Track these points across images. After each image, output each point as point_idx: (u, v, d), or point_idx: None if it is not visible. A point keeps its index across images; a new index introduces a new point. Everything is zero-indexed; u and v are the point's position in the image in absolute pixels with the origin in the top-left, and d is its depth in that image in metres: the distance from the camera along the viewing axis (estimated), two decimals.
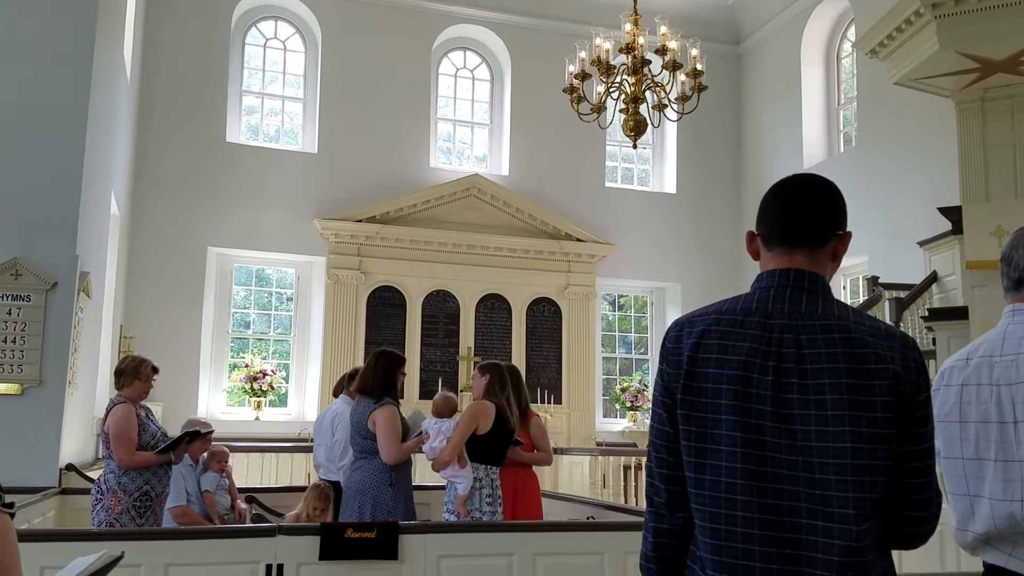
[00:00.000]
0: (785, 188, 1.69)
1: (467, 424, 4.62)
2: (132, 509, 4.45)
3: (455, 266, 11.44)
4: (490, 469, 4.69)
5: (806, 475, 1.48)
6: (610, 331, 13.02)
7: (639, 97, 7.05)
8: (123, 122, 8.92)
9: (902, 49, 7.61)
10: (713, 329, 1.60)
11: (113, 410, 4.56)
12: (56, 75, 6.22)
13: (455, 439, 4.61)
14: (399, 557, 3.82)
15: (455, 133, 12.62)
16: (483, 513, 4.58)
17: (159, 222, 10.51)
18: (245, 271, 11.47)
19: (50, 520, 5.55)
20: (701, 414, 1.56)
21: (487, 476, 4.67)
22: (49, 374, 5.95)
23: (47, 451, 5.93)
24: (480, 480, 4.64)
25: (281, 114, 11.92)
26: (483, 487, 4.63)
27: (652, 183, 13.23)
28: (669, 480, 1.62)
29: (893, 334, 1.55)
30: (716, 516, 1.52)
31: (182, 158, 10.72)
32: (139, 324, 10.07)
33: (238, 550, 3.73)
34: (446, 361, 11.37)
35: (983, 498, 1.84)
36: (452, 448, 4.59)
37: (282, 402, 11.17)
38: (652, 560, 1.65)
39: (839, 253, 1.67)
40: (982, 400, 1.87)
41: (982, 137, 7.70)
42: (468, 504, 4.59)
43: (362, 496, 4.52)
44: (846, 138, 11.73)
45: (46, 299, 6.00)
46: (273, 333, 11.49)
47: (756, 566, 1.48)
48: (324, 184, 11.19)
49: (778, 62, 12.35)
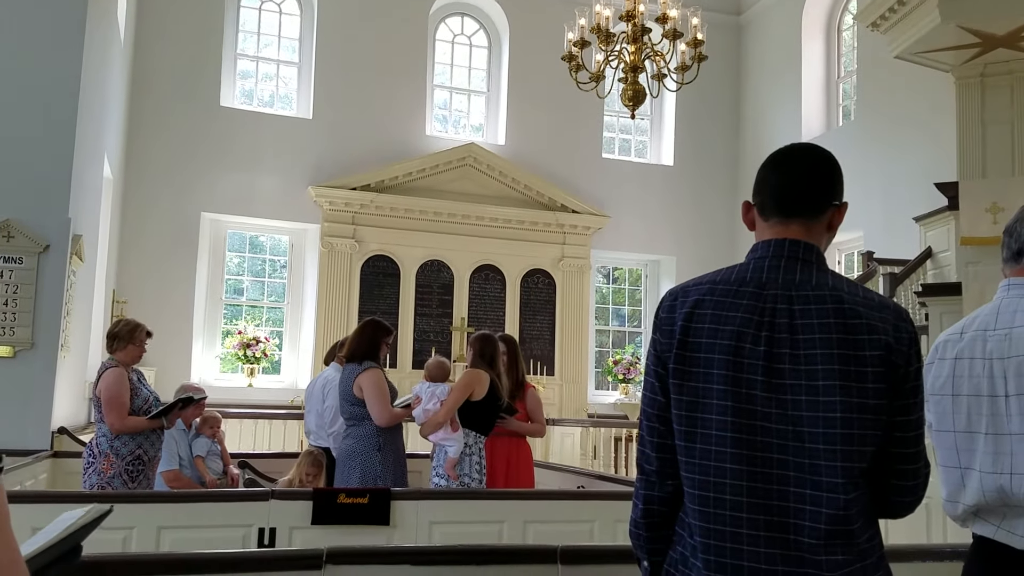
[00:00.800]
0: (782, 157, 1.68)
1: (463, 389, 4.65)
2: (124, 473, 4.45)
3: (450, 236, 11.41)
4: (479, 437, 4.74)
5: (795, 444, 1.48)
6: (604, 303, 13.03)
7: (638, 66, 6.99)
8: (117, 85, 8.83)
9: (903, 22, 7.55)
10: (707, 299, 1.60)
11: (105, 374, 4.54)
12: (49, 38, 6.14)
13: (450, 402, 4.63)
14: (391, 523, 3.85)
15: (452, 101, 12.52)
16: (472, 479, 4.63)
17: (153, 186, 10.45)
18: (239, 237, 11.43)
19: (42, 483, 5.57)
20: (693, 383, 1.57)
21: (476, 443, 4.72)
22: (41, 337, 5.94)
23: (39, 414, 5.94)
24: (470, 447, 4.69)
25: (276, 79, 11.80)
26: (472, 453, 4.68)
27: (650, 155, 13.17)
28: (660, 448, 1.63)
29: (887, 305, 1.55)
30: (705, 483, 1.53)
31: (176, 122, 10.62)
32: (132, 288, 10.05)
33: (231, 513, 3.75)
34: (439, 331, 11.38)
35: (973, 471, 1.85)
36: (447, 410, 4.61)
37: (275, 369, 11.18)
38: (641, 526, 1.67)
39: (835, 224, 1.66)
40: (975, 374, 1.87)
41: (981, 113, 7.67)
42: (458, 468, 4.62)
43: (351, 462, 4.55)
44: (845, 111, 11.68)
45: (38, 261, 5.97)
46: (267, 300, 11.48)
47: (744, 533, 1.49)
48: (319, 150, 11.11)
49: (778, 34, 12.25)
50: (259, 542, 3.63)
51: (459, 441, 4.64)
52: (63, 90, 6.17)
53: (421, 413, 4.79)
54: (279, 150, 11.01)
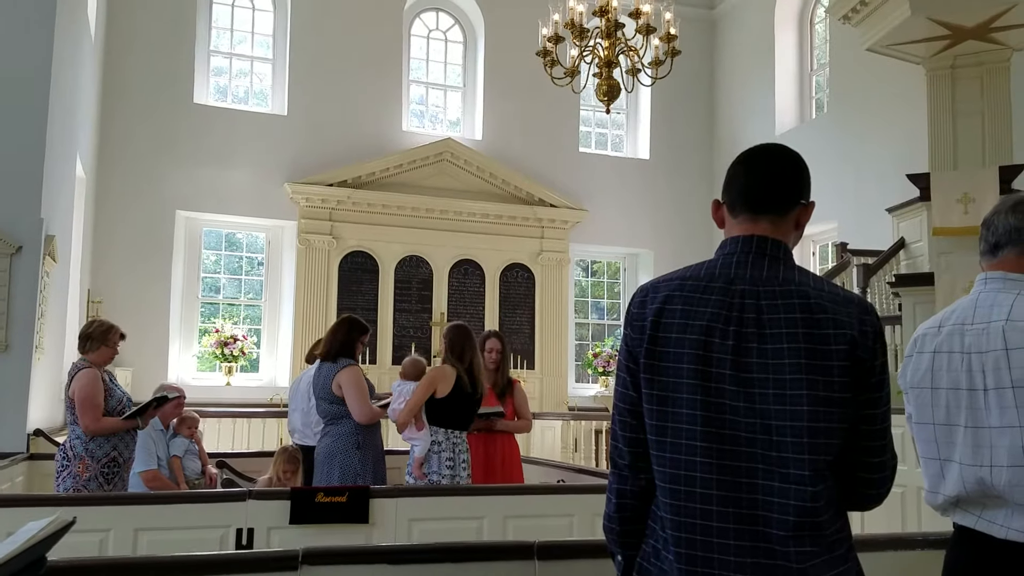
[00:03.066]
0: (751, 157, 1.71)
1: (423, 388, 4.63)
2: (100, 476, 4.41)
3: (428, 231, 11.39)
4: (451, 433, 4.64)
5: (764, 437, 1.51)
6: (583, 297, 13.07)
7: (612, 61, 7.01)
8: (88, 83, 8.73)
9: (874, 15, 7.61)
10: (676, 295, 1.62)
11: (78, 375, 4.48)
12: (18, 35, 6.06)
13: (412, 401, 4.62)
14: (370, 520, 3.85)
15: (428, 96, 12.48)
16: (441, 476, 4.53)
17: (126, 185, 10.34)
18: (215, 235, 11.34)
19: (18, 486, 5.53)
20: (663, 378, 1.59)
21: (447, 440, 4.62)
22: (15, 339, 5.88)
23: (14, 416, 5.88)
24: (439, 444, 4.60)
25: (250, 75, 11.71)
26: (442, 451, 4.59)
27: (626, 148, 13.21)
28: (632, 443, 1.65)
29: (851, 300, 1.58)
30: (676, 477, 1.56)
31: (149, 120, 10.52)
32: (107, 288, 9.95)
33: (209, 514, 3.74)
34: (419, 327, 11.37)
35: (953, 462, 1.87)
36: (407, 410, 4.60)
37: (253, 367, 11.12)
38: (615, 520, 1.69)
39: (802, 222, 1.70)
40: (953, 368, 1.89)
41: (951, 104, 7.75)
42: (426, 467, 4.57)
43: (330, 461, 4.54)
44: (818, 104, 11.76)
45: (11, 263, 5.91)
46: (244, 298, 11.41)
47: (713, 525, 1.51)
48: (294, 147, 11.05)
49: (752, 27, 12.32)
50: (237, 543, 3.62)
51: (425, 439, 4.61)
52: (32, 89, 6.10)
53: (392, 412, 4.79)
54: (254, 147, 10.93)
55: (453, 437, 4.65)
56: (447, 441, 4.62)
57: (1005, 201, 2.03)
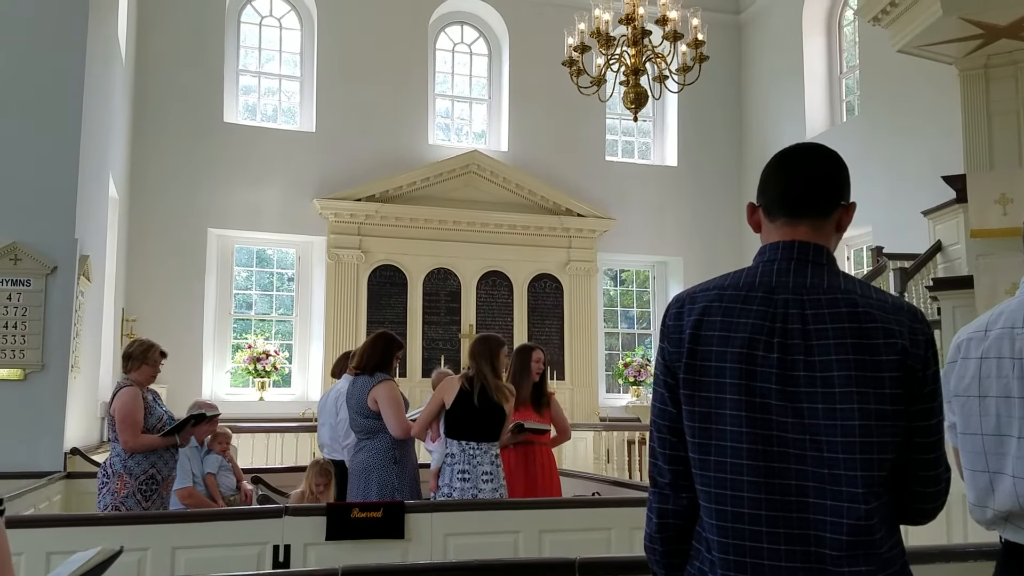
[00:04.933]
0: (788, 157, 1.64)
1: (433, 399, 4.63)
2: (138, 492, 4.45)
3: (455, 243, 11.40)
4: (467, 445, 4.43)
5: (814, 453, 1.45)
6: (612, 306, 12.99)
7: (639, 69, 6.97)
8: (119, 104, 8.85)
9: (904, 16, 7.51)
10: (715, 305, 1.56)
11: (119, 393, 4.55)
12: (50, 56, 6.16)
13: (423, 414, 4.63)
14: (405, 536, 3.83)
15: (454, 109, 12.52)
16: (452, 490, 4.37)
17: (158, 204, 10.47)
18: (246, 252, 11.45)
19: (56, 505, 5.57)
20: (705, 393, 1.53)
21: (462, 452, 4.43)
22: (51, 358, 5.95)
23: (51, 435, 5.94)
24: (453, 456, 4.44)
25: (278, 93, 11.82)
26: (455, 463, 4.42)
27: (653, 156, 13.14)
28: (672, 460, 1.59)
29: (901, 307, 1.51)
30: (722, 497, 1.50)
31: (180, 139, 10.65)
32: (141, 306, 10.07)
33: (246, 532, 3.73)
34: (448, 339, 11.36)
35: (1005, 475, 1.78)
36: (419, 422, 4.61)
37: (286, 382, 11.18)
38: (657, 541, 1.62)
39: (844, 224, 1.62)
40: (1003, 374, 1.80)
41: (986, 104, 7.62)
42: (440, 479, 4.47)
43: (367, 475, 4.52)
44: (848, 107, 11.62)
45: (46, 283, 5.98)
46: (275, 314, 11.48)
47: (764, 547, 1.46)
48: (323, 163, 11.12)
49: (779, 31, 12.22)
50: (274, 560, 3.61)
51: (439, 451, 4.59)
52: (66, 110, 6.19)
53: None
54: (283, 164, 11.02)
55: (469, 449, 4.43)
56: (462, 453, 4.43)
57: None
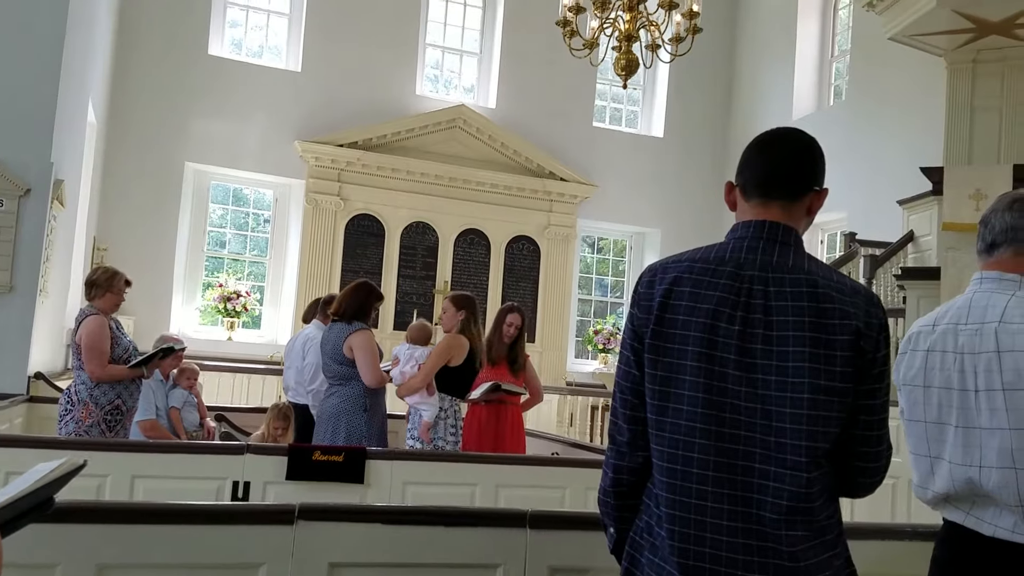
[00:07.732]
0: (766, 140, 1.71)
1: (441, 354, 4.69)
2: (103, 422, 4.45)
3: (436, 198, 11.36)
4: (454, 401, 4.80)
5: (763, 422, 1.52)
6: (587, 273, 13.06)
7: (633, 35, 6.94)
8: (103, 29, 8.67)
9: (900, 3, 7.52)
10: (685, 276, 1.63)
11: (85, 321, 4.50)
12: None
13: (428, 367, 4.67)
14: (365, 481, 3.88)
15: (444, 60, 12.39)
16: (446, 442, 4.71)
17: (137, 133, 10.31)
18: (222, 189, 11.33)
19: (17, 427, 5.57)
20: (667, 359, 1.60)
21: (451, 407, 4.78)
22: (20, 280, 5.90)
23: (16, 358, 5.92)
24: (445, 411, 4.75)
25: (266, 29, 11.62)
26: (447, 417, 4.76)
27: (640, 125, 13.13)
28: (632, 420, 1.67)
29: (859, 291, 1.59)
30: (674, 456, 1.57)
31: (163, 69, 10.46)
32: (113, 236, 9.96)
33: (207, 466, 3.77)
34: (422, 293, 11.38)
35: (943, 460, 1.89)
36: (423, 375, 4.66)
37: (255, 324, 11.16)
38: (610, 495, 1.71)
39: (814, 208, 1.70)
40: (946, 367, 1.90)
41: (970, 99, 7.69)
42: (432, 432, 4.67)
43: (336, 420, 4.56)
44: (837, 91, 11.66)
45: (19, 205, 5.91)
46: (249, 254, 11.42)
47: (708, 505, 1.53)
48: (306, 104, 10.99)
49: (774, 9, 12.18)
50: (233, 495, 3.66)
51: (434, 405, 4.68)
52: (47, 34, 6.06)
53: (399, 374, 4.83)
54: (266, 102, 10.88)
55: (455, 405, 4.80)
56: (451, 408, 4.77)
57: (1003, 198, 2.01)
